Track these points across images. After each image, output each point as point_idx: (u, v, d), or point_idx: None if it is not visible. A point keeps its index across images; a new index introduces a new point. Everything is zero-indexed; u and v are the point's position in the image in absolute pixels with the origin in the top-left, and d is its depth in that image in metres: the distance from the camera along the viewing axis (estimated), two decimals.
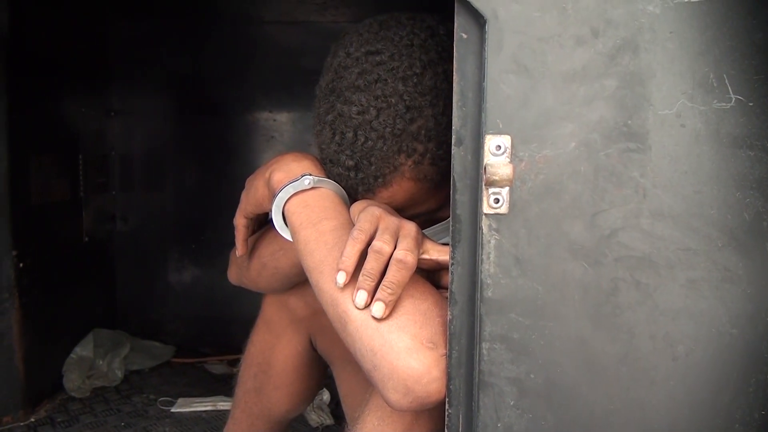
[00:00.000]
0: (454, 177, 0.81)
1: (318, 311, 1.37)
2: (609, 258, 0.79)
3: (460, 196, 0.81)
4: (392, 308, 0.90)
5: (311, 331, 1.47)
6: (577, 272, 0.79)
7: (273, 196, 1.10)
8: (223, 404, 2.29)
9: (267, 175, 1.15)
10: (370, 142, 1.05)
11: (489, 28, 0.77)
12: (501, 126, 0.77)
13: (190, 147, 2.92)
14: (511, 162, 0.77)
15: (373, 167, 1.07)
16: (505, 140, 0.77)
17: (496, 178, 0.76)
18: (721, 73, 0.78)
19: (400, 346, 0.87)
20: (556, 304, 0.80)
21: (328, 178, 1.12)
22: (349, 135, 1.06)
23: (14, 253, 2.13)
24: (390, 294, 0.89)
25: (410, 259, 0.90)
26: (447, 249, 0.93)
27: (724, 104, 0.78)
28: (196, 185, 2.94)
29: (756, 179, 0.79)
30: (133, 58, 2.82)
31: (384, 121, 1.04)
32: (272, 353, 1.49)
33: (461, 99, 0.80)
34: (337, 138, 1.08)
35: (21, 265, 2.15)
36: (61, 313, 2.43)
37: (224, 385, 2.45)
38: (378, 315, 0.88)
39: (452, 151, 0.81)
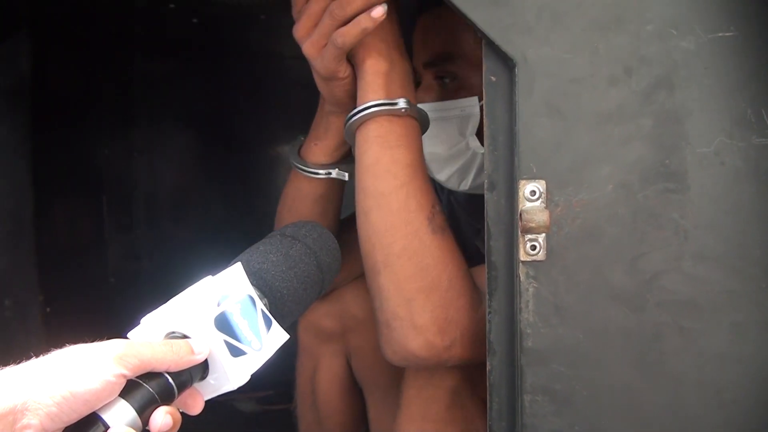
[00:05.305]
0: (488, 222, 0.79)
1: (349, 329, 1.34)
2: (651, 303, 0.77)
3: (494, 242, 0.79)
4: (428, 274, 0.92)
5: (347, 351, 1.39)
6: (619, 319, 0.77)
7: (359, 104, 0.97)
8: None
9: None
10: None
11: (519, 71, 0.75)
12: (535, 170, 0.75)
13: (213, 183, 2.92)
14: (546, 207, 0.75)
15: None
16: (540, 185, 0.75)
17: (533, 225, 0.73)
18: (759, 108, 0.76)
19: (415, 323, 0.92)
20: (598, 353, 0.77)
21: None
22: None
23: (41, 298, 2.12)
24: None
25: None
26: None
27: (763, 140, 0.76)
28: (221, 221, 2.93)
29: None
30: (156, 97, 2.83)
31: None
32: (315, 381, 1.41)
33: (492, 143, 0.79)
34: None
35: (48, 309, 2.15)
36: None
37: (254, 424, 2.42)
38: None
39: (485, 196, 0.79)
